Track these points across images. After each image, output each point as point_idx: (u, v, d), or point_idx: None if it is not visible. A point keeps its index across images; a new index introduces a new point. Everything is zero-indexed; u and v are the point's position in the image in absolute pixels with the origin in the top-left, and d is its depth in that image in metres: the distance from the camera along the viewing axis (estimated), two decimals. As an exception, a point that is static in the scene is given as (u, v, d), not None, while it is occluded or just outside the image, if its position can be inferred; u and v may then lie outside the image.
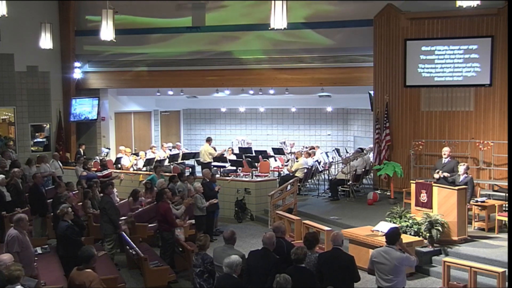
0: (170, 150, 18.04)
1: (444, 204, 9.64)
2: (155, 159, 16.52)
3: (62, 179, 14.13)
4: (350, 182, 13.57)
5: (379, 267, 6.41)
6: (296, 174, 13.94)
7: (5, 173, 12.48)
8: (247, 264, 6.54)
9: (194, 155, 17.82)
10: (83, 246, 6.55)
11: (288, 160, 17.32)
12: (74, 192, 12.23)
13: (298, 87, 16.62)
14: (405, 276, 6.46)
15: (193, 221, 11.19)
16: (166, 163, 16.91)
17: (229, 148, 17.32)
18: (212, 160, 15.85)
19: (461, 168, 10.16)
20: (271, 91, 16.82)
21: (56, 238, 9.39)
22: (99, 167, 14.49)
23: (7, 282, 5.65)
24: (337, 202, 13.42)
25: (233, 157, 16.52)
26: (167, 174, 14.41)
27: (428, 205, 9.88)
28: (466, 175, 10.10)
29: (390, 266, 6.33)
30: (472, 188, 10.22)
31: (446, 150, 11.10)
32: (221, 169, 16.18)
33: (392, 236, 6.57)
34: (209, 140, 16.18)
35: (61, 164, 15.15)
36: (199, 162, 16.76)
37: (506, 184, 11.98)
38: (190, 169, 17.21)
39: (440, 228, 9.22)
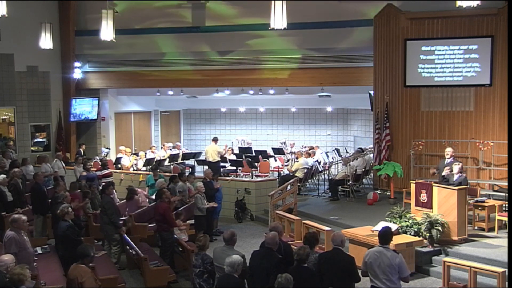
0: (171, 150, 18.05)
1: (444, 204, 9.64)
2: (155, 159, 16.54)
3: (64, 179, 14.16)
4: (350, 182, 13.57)
5: (373, 267, 6.34)
6: (296, 174, 13.94)
7: (4, 173, 12.49)
8: (250, 263, 6.56)
9: (194, 155, 17.83)
10: (82, 244, 6.58)
11: (288, 160, 17.33)
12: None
13: (298, 87, 16.61)
14: (399, 280, 6.41)
15: (192, 221, 11.19)
16: (166, 163, 16.93)
17: (229, 148, 17.35)
18: (220, 159, 15.89)
19: (456, 167, 10.14)
20: (271, 91, 16.82)
21: (55, 238, 9.40)
22: (99, 166, 14.51)
23: (10, 284, 5.66)
24: (337, 202, 13.41)
25: (233, 157, 16.54)
26: (167, 174, 14.43)
27: (428, 205, 9.88)
28: (460, 175, 10.09)
29: (384, 266, 6.27)
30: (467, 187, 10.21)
31: (449, 151, 11.10)
32: (221, 169, 16.18)
33: (385, 236, 6.54)
34: (215, 139, 16.23)
35: (63, 164, 15.16)
36: (202, 162, 16.75)
37: (506, 184, 11.97)
38: (190, 169, 17.21)
39: (440, 228, 9.22)
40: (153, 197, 12.00)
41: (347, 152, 17.49)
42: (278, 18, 9.12)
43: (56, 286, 7.43)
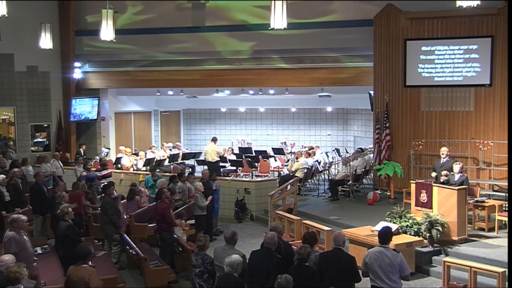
0: (171, 150, 18.05)
1: (444, 204, 9.64)
2: (155, 159, 16.53)
3: (62, 179, 14.17)
4: (350, 182, 13.57)
5: (373, 267, 6.35)
6: (296, 174, 13.94)
7: (4, 173, 12.49)
8: (249, 263, 6.56)
9: (194, 155, 17.83)
10: (80, 243, 6.56)
11: (288, 160, 17.33)
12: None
13: (298, 87, 16.61)
14: (400, 278, 6.42)
15: (192, 221, 11.19)
16: (166, 163, 16.93)
17: (229, 148, 17.34)
18: (219, 159, 15.89)
19: (456, 167, 10.13)
20: (271, 91, 16.82)
21: (55, 237, 9.41)
22: (99, 166, 14.50)
23: (7, 282, 5.65)
24: (337, 202, 13.41)
25: (233, 157, 16.53)
26: (167, 174, 14.42)
27: (428, 205, 9.88)
28: (462, 174, 10.08)
29: (385, 266, 6.28)
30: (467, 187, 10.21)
31: (444, 150, 11.14)
32: (221, 169, 16.18)
33: (385, 236, 6.56)
34: (214, 139, 16.22)
35: (61, 164, 15.16)
36: (202, 162, 16.73)
37: (506, 184, 11.97)
38: (190, 169, 17.21)
39: (440, 228, 9.22)
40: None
41: (347, 152, 17.49)
42: (278, 18, 9.12)
43: (56, 286, 7.43)
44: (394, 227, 9.05)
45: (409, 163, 13.45)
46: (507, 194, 10.98)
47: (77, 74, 17.79)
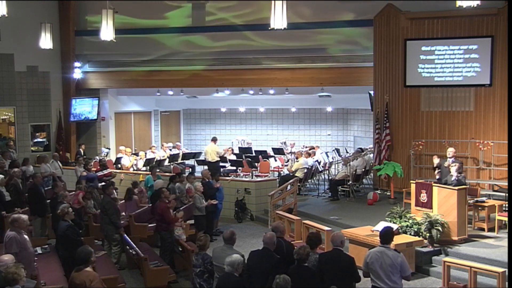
0: (171, 150, 18.05)
1: (444, 204, 9.64)
2: (155, 159, 16.53)
3: (62, 179, 14.16)
4: (350, 182, 13.58)
5: (375, 267, 6.34)
6: (296, 174, 13.94)
7: (4, 173, 12.48)
8: (248, 264, 6.55)
9: (194, 155, 17.83)
10: (79, 247, 6.51)
11: (288, 160, 17.33)
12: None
13: (298, 87, 16.61)
14: (401, 279, 6.42)
15: (192, 221, 11.19)
16: (166, 163, 16.93)
17: (229, 148, 17.34)
18: (219, 159, 15.89)
19: (453, 168, 10.14)
20: (271, 91, 16.82)
21: (56, 238, 9.41)
22: (99, 167, 14.50)
23: (5, 283, 5.64)
24: (337, 202, 13.41)
25: (233, 157, 16.54)
26: (166, 174, 14.41)
27: (428, 205, 9.89)
28: (459, 175, 10.09)
29: (386, 266, 6.28)
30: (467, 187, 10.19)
31: (451, 151, 11.11)
32: (221, 169, 16.18)
33: (386, 236, 6.56)
34: (214, 139, 16.21)
35: (60, 164, 15.16)
36: (202, 162, 16.72)
37: (506, 184, 11.98)
38: (190, 169, 17.21)
39: (440, 228, 9.23)
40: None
41: (347, 152, 17.49)
42: (278, 18, 9.12)
43: (56, 286, 7.43)
44: (394, 227, 9.04)
45: (409, 163, 13.45)
46: (507, 194, 10.98)
47: (77, 74, 17.79)
